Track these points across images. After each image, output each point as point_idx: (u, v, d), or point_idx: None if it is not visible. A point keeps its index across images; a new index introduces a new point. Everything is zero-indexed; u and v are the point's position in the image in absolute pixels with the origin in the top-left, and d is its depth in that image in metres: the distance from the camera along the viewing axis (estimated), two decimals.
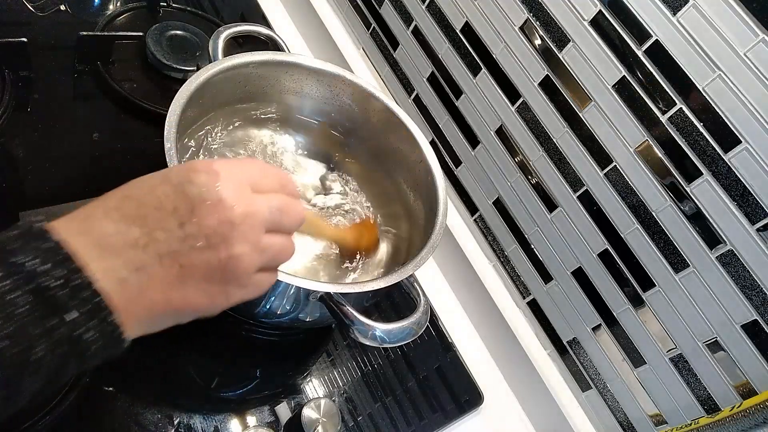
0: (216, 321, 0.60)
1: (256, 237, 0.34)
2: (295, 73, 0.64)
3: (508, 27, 0.67)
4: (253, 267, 0.35)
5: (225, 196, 0.33)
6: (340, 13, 0.93)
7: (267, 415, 0.57)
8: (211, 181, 0.33)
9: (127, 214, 0.31)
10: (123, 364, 0.54)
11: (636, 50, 0.55)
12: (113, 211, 0.31)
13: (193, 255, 0.32)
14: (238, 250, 0.33)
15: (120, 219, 0.31)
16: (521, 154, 0.69)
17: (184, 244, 0.32)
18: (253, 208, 0.34)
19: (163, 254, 0.31)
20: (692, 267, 0.56)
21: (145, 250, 0.31)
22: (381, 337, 0.46)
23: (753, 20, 0.48)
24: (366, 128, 0.69)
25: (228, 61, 0.58)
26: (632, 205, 0.59)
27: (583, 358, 0.68)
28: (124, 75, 0.71)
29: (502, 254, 0.75)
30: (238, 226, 0.33)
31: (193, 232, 0.32)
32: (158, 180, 0.33)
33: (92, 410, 0.50)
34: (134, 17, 0.78)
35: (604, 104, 0.59)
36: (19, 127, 0.61)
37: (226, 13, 0.88)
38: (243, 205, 0.33)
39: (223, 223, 0.33)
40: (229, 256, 0.33)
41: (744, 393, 0.54)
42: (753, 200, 0.50)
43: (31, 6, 0.72)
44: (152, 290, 0.31)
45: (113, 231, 0.30)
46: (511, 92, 0.68)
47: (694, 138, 0.53)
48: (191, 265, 0.32)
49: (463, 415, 0.66)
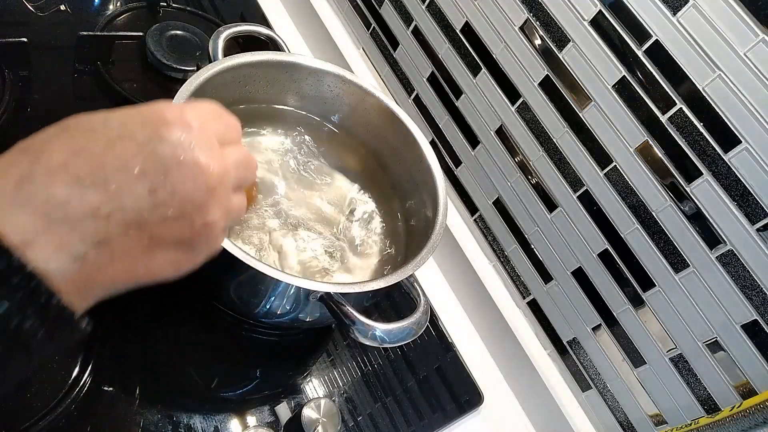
0: (216, 321, 0.60)
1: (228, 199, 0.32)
2: (295, 73, 0.64)
3: (508, 27, 0.67)
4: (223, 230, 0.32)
5: (201, 157, 0.29)
6: (340, 13, 0.93)
7: (267, 415, 0.57)
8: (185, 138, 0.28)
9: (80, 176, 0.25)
10: (123, 364, 0.54)
11: (636, 50, 0.55)
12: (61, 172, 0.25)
13: (165, 226, 0.28)
14: (212, 217, 0.30)
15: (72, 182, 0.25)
16: (521, 154, 0.69)
17: (154, 212, 0.27)
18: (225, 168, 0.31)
19: (129, 225, 0.27)
20: (692, 267, 0.56)
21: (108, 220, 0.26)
22: (381, 337, 0.46)
23: (753, 20, 0.48)
24: (366, 128, 0.69)
25: (228, 61, 0.58)
26: (632, 205, 0.59)
27: (583, 358, 0.68)
28: (124, 75, 0.71)
29: (502, 254, 0.75)
30: (213, 191, 0.30)
31: (165, 199, 0.27)
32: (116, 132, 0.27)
33: (92, 410, 0.50)
34: (134, 17, 0.78)
35: (604, 104, 0.59)
36: (19, 127, 0.61)
37: (226, 13, 0.88)
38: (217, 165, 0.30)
39: (199, 189, 0.29)
40: (203, 224, 0.30)
41: (744, 393, 0.54)
42: (753, 200, 0.50)
43: (31, 6, 0.72)
44: (115, 266, 0.27)
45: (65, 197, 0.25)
46: (511, 92, 0.68)
47: (694, 138, 0.53)
48: (161, 235, 0.28)
49: (463, 415, 0.66)
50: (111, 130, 0.27)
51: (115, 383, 0.52)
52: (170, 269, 0.30)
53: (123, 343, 0.55)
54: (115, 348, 0.54)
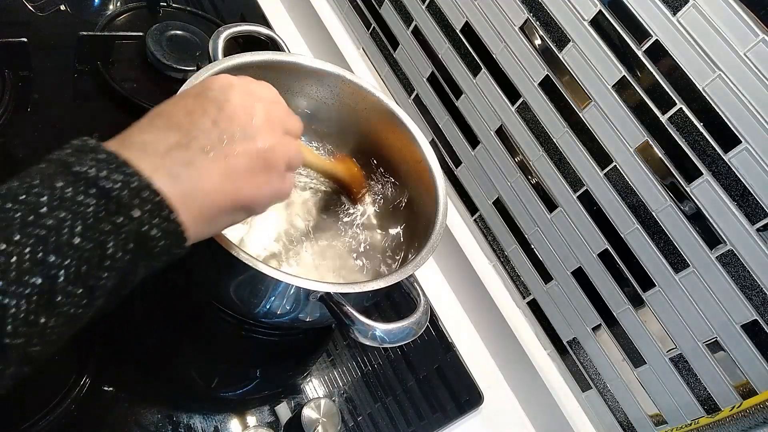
0: (216, 321, 0.60)
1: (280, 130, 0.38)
2: (295, 73, 0.64)
3: (508, 27, 0.67)
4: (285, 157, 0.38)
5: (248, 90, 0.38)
6: (340, 13, 0.93)
7: (267, 415, 0.57)
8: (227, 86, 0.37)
9: (161, 126, 0.34)
10: (123, 364, 0.54)
11: (636, 50, 0.55)
12: (147, 127, 0.34)
13: (234, 146, 0.35)
14: (270, 141, 0.37)
15: (156, 130, 0.34)
16: (521, 154, 0.69)
17: (222, 137, 0.35)
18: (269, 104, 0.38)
19: (205, 149, 0.34)
20: (692, 267, 0.56)
21: (187, 148, 0.33)
22: (381, 337, 0.46)
23: (753, 20, 0.48)
24: (366, 128, 0.69)
25: (228, 61, 0.58)
26: (632, 205, 0.59)
27: (583, 358, 0.68)
28: (124, 75, 0.71)
29: (502, 254, 0.75)
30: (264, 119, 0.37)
31: (226, 124, 0.35)
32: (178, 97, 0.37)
33: (92, 410, 0.50)
34: (134, 17, 0.78)
35: (604, 104, 0.59)
36: (19, 127, 0.61)
37: (226, 13, 0.88)
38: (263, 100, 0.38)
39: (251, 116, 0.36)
40: (265, 146, 0.36)
41: (744, 393, 0.54)
42: (753, 200, 0.50)
43: (31, 6, 0.72)
44: (205, 181, 0.33)
45: (153, 139, 0.33)
46: (511, 92, 0.68)
47: (694, 138, 0.53)
48: (234, 155, 0.35)
49: (463, 415, 0.66)
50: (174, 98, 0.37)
51: (115, 383, 0.52)
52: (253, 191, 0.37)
53: (123, 343, 0.55)
54: (115, 348, 0.54)
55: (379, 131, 0.68)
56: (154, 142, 0.33)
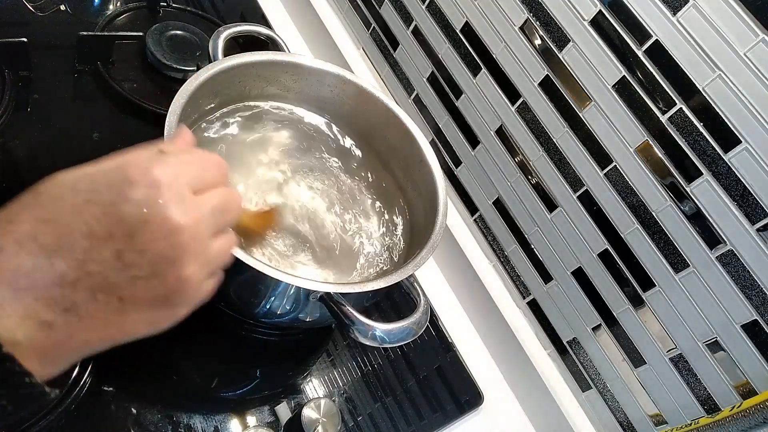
0: (216, 321, 0.60)
1: (204, 250, 0.31)
2: (295, 73, 0.64)
3: (508, 27, 0.67)
4: (201, 282, 0.31)
5: (170, 213, 0.28)
6: (340, 13, 0.93)
7: (267, 415, 0.57)
8: (151, 195, 0.28)
9: (47, 244, 0.26)
10: (123, 364, 0.54)
11: (636, 50, 0.55)
12: (28, 241, 0.26)
13: (136, 287, 0.28)
14: (187, 272, 0.29)
15: (39, 251, 0.26)
16: (521, 154, 0.69)
17: (123, 274, 0.27)
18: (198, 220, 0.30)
19: (96, 290, 0.27)
20: (692, 267, 0.56)
21: (75, 287, 0.26)
22: (381, 337, 0.46)
23: (753, 20, 0.48)
24: (366, 128, 0.69)
25: (228, 61, 0.58)
26: (632, 205, 0.59)
27: (583, 358, 0.68)
28: (124, 75, 0.71)
29: (502, 254, 0.75)
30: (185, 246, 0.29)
31: (134, 260, 0.27)
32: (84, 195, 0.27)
33: (92, 410, 0.50)
34: (134, 17, 0.78)
35: (604, 104, 0.59)
36: (19, 127, 0.61)
37: (226, 13, 0.88)
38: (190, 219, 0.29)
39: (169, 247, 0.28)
40: (177, 280, 0.29)
41: (744, 393, 0.54)
42: (753, 200, 0.50)
43: (31, 6, 0.72)
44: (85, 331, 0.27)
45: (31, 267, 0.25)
46: (511, 92, 0.68)
47: (694, 138, 0.53)
48: (133, 298, 0.28)
49: (463, 415, 0.66)
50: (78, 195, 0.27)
51: (115, 383, 0.52)
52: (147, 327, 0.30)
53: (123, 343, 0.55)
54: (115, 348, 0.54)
55: (379, 131, 0.68)
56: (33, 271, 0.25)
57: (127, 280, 0.27)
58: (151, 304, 0.29)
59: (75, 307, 0.26)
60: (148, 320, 0.30)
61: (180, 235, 0.28)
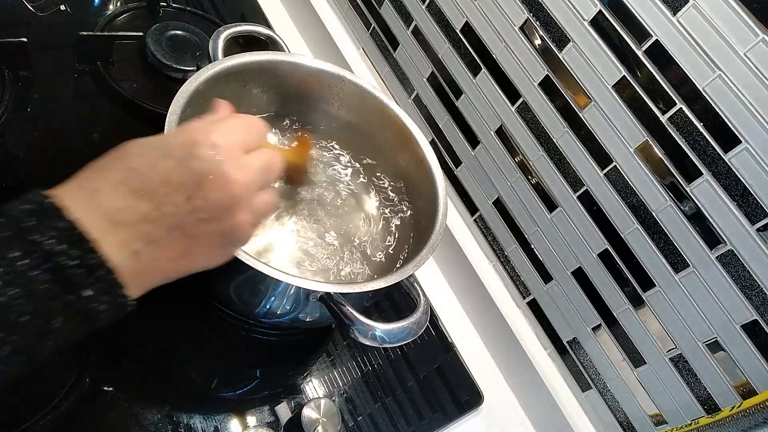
0: (216, 321, 0.60)
1: (252, 202, 0.37)
2: (295, 73, 0.64)
3: (508, 27, 0.67)
4: (250, 228, 0.38)
5: (226, 169, 0.34)
6: (340, 13, 0.93)
7: (267, 415, 0.57)
8: (213, 154, 0.34)
9: (135, 188, 0.32)
10: (123, 364, 0.54)
11: (636, 50, 0.55)
12: (120, 185, 0.32)
13: (201, 226, 0.34)
14: (239, 218, 0.36)
15: (128, 193, 0.32)
16: (521, 154, 0.69)
17: (191, 216, 0.33)
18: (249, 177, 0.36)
19: (172, 227, 0.33)
20: (692, 267, 0.56)
21: (156, 223, 0.32)
22: (381, 337, 0.46)
23: (753, 20, 0.48)
24: (366, 128, 0.69)
25: (228, 61, 0.58)
26: (632, 205, 0.59)
27: (583, 358, 0.68)
28: (124, 75, 0.71)
29: (502, 254, 0.75)
30: (239, 197, 0.35)
31: (199, 205, 0.34)
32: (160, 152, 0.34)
33: (92, 410, 0.50)
34: (134, 17, 0.78)
35: (604, 104, 0.59)
36: (19, 127, 0.61)
37: (226, 13, 0.88)
38: (241, 175, 0.35)
39: (227, 197, 0.35)
40: (232, 225, 0.36)
41: (744, 393, 0.54)
42: (753, 200, 0.50)
43: (31, 6, 0.72)
44: (163, 260, 0.33)
45: (123, 205, 0.32)
46: (511, 92, 0.68)
47: (694, 138, 0.53)
48: (198, 235, 0.34)
49: (463, 415, 0.66)
50: (156, 150, 0.34)
51: (115, 383, 0.52)
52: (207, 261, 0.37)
53: (123, 343, 0.55)
54: (115, 348, 0.54)
55: (379, 131, 0.68)
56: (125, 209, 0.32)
57: (195, 220, 0.34)
58: (211, 242, 0.35)
59: (156, 240, 0.32)
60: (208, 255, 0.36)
61: (234, 188, 0.35)
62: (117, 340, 0.54)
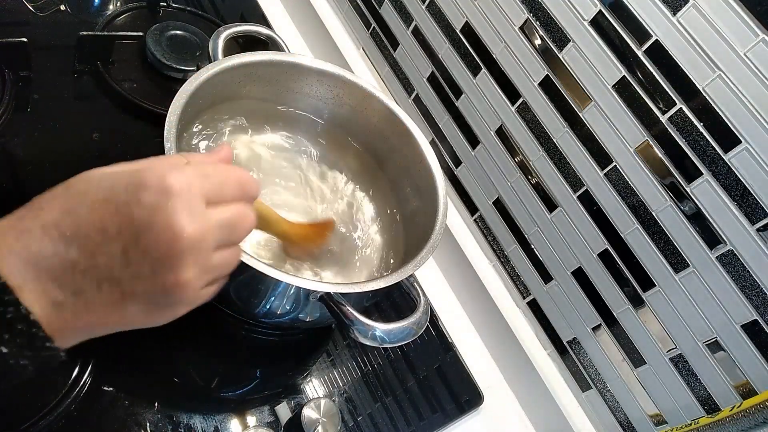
0: (216, 321, 0.60)
1: (205, 259, 0.32)
2: (295, 73, 0.64)
3: (508, 27, 0.67)
4: (200, 287, 0.33)
5: (174, 220, 0.30)
6: (340, 13, 0.93)
7: (267, 415, 0.57)
8: (161, 201, 0.30)
9: (67, 233, 0.29)
10: (123, 364, 0.54)
11: (636, 50, 0.55)
12: (52, 228, 0.29)
13: (136, 283, 0.30)
14: (185, 277, 0.31)
15: (59, 238, 0.29)
16: (521, 154, 0.69)
17: (125, 271, 0.30)
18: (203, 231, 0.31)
19: (102, 280, 0.30)
20: (692, 267, 0.56)
21: (85, 275, 0.29)
22: (381, 337, 0.46)
23: (753, 20, 0.48)
24: (366, 128, 0.69)
25: (228, 61, 0.58)
26: (632, 205, 0.59)
27: (583, 358, 0.68)
28: (124, 75, 0.71)
29: (502, 254, 0.75)
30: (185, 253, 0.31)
31: (137, 259, 0.30)
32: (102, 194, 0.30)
33: (92, 410, 0.50)
34: (134, 17, 0.78)
35: (604, 104, 0.59)
36: (19, 127, 0.61)
37: (226, 13, 0.88)
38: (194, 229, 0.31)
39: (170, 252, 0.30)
40: (175, 283, 0.31)
41: (744, 393, 0.54)
42: (753, 200, 0.50)
43: (31, 6, 0.72)
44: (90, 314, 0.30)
45: (51, 252, 0.29)
46: (511, 92, 0.68)
47: (694, 138, 0.53)
48: (133, 291, 0.30)
49: (463, 415, 0.66)
50: (100, 192, 0.30)
51: (115, 383, 0.52)
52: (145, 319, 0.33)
53: (123, 343, 0.55)
54: (115, 348, 0.54)
55: (379, 131, 0.68)
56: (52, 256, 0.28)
57: (129, 275, 0.30)
58: (149, 300, 0.31)
59: (83, 292, 0.29)
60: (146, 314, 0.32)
61: (180, 242, 0.30)
62: (117, 340, 0.54)
